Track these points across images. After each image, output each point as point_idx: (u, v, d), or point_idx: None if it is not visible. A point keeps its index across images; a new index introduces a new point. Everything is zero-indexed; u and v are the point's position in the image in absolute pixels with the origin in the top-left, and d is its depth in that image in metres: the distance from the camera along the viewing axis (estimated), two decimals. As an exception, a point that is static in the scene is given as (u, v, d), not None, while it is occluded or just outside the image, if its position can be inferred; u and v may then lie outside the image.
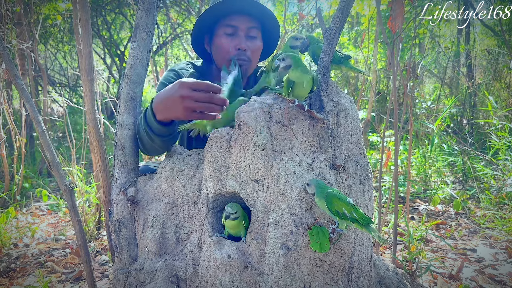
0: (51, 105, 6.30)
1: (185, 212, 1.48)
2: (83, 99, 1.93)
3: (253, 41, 1.80)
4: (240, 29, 1.77)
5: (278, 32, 1.92)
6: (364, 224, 1.15)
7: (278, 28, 1.89)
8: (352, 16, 6.52)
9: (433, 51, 6.16)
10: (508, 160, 3.26)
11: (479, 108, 5.12)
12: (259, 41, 1.83)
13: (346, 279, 1.37)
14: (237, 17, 1.76)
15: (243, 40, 1.77)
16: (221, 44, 1.79)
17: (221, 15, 1.78)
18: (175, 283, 1.42)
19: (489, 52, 5.54)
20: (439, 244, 2.66)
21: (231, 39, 1.77)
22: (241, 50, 1.76)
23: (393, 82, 2.07)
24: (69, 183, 1.57)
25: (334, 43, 1.37)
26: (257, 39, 1.83)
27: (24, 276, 2.31)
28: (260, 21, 1.82)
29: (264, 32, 1.88)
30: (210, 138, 1.40)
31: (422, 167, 3.75)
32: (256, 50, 1.81)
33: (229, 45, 1.77)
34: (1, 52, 1.54)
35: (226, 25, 1.77)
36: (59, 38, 8.31)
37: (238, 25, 1.76)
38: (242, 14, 1.76)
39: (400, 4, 1.96)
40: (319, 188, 1.17)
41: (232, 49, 1.77)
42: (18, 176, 3.69)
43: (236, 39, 1.77)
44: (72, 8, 2.59)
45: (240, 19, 1.76)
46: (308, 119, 1.34)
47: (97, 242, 2.79)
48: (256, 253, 1.31)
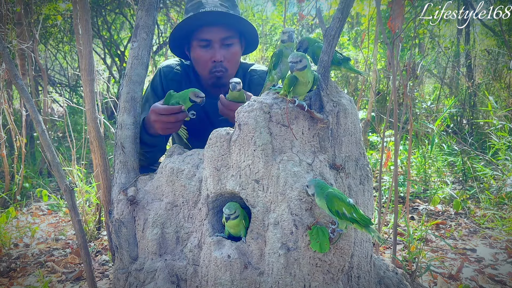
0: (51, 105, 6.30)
1: (185, 212, 1.49)
2: (83, 99, 1.93)
3: (229, 49, 1.81)
4: (214, 41, 1.78)
5: (256, 34, 1.92)
6: (363, 224, 1.15)
7: (255, 32, 1.90)
8: (352, 16, 6.52)
9: (433, 51, 6.15)
10: (508, 160, 3.26)
11: (479, 108, 5.12)
12: (235, 46, 1.84)
13: (346, 279, 1.37)
14: (210, 28, 1.77)
15: (218, 52, 1.78)
16: (197, 56, 1.82)
17: (193, 29, 1.80)
18: (175, 283, 1.42)
19: (489, 52, 5.54)
20: (439, 244, 2.66)
21: (206, 51, 1.79)
22: (217, 61, 1.78)
23: (393, 82, 2.07)
24: (69, 183, 1.57)
25: (334, 43, 1.37)
26: (233, 45, 1.83)
27: (24, 276, 2.32)
28: (235, 27, 1.82)
29: (242, 33, 1.89)
30: (210, 138, 1.40)
31: (422, 167, 3.75)
32: (232, 57, 1.82)
33: (204, 58, 1.80)
34: (1, 52, 1.54)
35: (199, 39, 1.78)
36: (59, 38, 8.30)
37: (211, 38, 1.77)
38: (214, 26, 1.77)
39: (400, 4, 1.96)
40: (318, 188, 1.17)
41: (208, 62, 1.80)
42: (19, 176, 3.70)
43: (210, 50, 1.79)
44: (72, 8, 2.59)
45: (213, 30, 1.77)
46: (308, 119, 1.34)
47: (97, 242, 2.79)
48: (256, 253, 1.31)
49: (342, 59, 1.50)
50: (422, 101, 5.11)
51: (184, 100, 1.60)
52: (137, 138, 1.67)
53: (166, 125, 1.60)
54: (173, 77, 1.99)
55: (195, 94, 1.60)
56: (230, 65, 1.86)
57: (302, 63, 1.21)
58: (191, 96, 1.60)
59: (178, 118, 1.59)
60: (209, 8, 1.74)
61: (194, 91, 1.61)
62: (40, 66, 4.62)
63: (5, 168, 3.58)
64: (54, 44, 8.63)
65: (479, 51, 5.86)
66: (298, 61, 1.21)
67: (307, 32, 6.99)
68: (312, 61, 1.57)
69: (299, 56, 1.22)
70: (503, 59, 5.18)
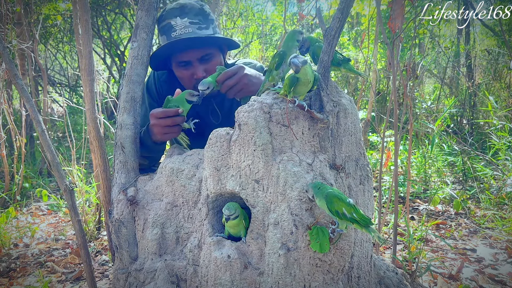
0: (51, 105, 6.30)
1: (185, 212, 1.49)
2: (83, 99, 1.93)
3: (208, 63, 1.81)
4: (193, 61, 1.78)
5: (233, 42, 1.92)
6: (364, 224, 1.15)
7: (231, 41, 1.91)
8: (352, 16, 6.52)
9: (433, 51, 6.15)
10: (508, 160, 3.26)
11: (479, 108, 5.12)
12: (215, 58, 1.84)
13: (346, 279, 1.37)
14: (185, 53, 1.77)
15: (198, 69, 1.78)
16: (180, 75, 1.84)
17: (170, 53, 1.81)
18: (175, 283, 1.42)
19: (489, 52, 5.54)
20: (439, 244, 2.66)
21: (186, 69, 1.80)
22: (199, 78, 1.77)
23: (393, 82, 2.07)
24: (69, 183, 1.57)
25: (334, 43, 1.37)
26: (213, 57, 1.83)
27: (24, 276, 2.31)
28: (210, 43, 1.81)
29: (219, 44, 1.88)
30: (210, 138, 1.40)
31: (422, 167, 3.75)
32: (213, 67, 1.81)
33: (186, 76, 1.81)
34: (1, 52, 1.54)
35: (178, 61, 1.80)
36: (59, 38, 8.31)
37: (188, 59, 1.78)
38: (189, 49, 1.76)
39: (400, 4, 1.95)
40: (317, 189, 1.18)
41: (190, 79, 1.81)
42: (18, 176, 3.70)
43: (191, 69, 1.79)
44: (72, 8, 2.59)
45: (189, 53, 1.77)
46: (308, 119, 1.34)
47: (97, 242, 2.79)
48: (256, 253, 1.31)
49: (342, 59, 1.49)
50: (422, 101, 5.11)
51: (181, 103, 1.60)
52: (137, 138, 1.66)
53: (164, 129, 1.59)
54: (166, 79, 2.00)
55: (190, 94, 1.60)
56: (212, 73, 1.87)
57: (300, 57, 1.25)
58: (187, 97, 1.60)
59: (175, 121, 1.59)
60: (180, 31, 1.73)
61: (188, 92, 1.61)
62: (40, 66, 4.62)
63: (5, 168, 3.58)
64: (54, 44, 8.64)
65: (479, 51, 5.86)
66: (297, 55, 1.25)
67: (307, 32, 6.98)
68: (312, 61, 1.57)
69: (301, 57, 1.24)
70: (503, 59, 5.18)
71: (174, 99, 1.62)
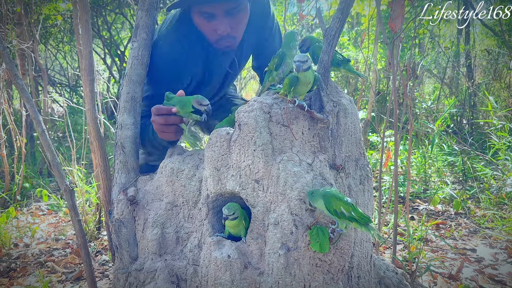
0: (51, 105, 6.30)
1: (185, 212, 1.49)
2: (83, 99, 1.93)
3: (234, 17, 1.61)
4: (217, 14, 1.58)
5: None
6: (363, 223, 1.15)
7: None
8: (352, 16, 6.52)
9: (433, 51, 6.16)
10: (508, 160, 3.26)
11: (479, 108, 5.12)
12: (242, 12, 1.63)
13: (346, 279, 1.37)
14: (212, 3, 1.57)
15: (222, 24, 1.59)
16: (201, 26, 1.65)
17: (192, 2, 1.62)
18: (175, 283, 1.42)
19: (489, 52, 5.54)
20: (439, 244, 2.66)
21: (209, 21, 1.61)
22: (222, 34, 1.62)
23: (393, 82, 2.07)
24: (69, 183, 1.57)
25: (334, 43, 1.37)
26: (240, 11, 1.62)
27: (24, 276, 2.32)
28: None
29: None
30: (210, 138, 1.40)
31: (422, 167, 3.75)
32: (239, 24, 1.64)
33: (208, 29, 1.63)
34: (2, 52, 1.54)
35: (201, 12, 1.61)
36: (59, 38, 8.30)
37: (212, 11, 1.58)
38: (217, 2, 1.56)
39: (400, 4, 1.95)
40: (311, 195, 1.20)
41: (213, 33, 1.63)
42: (19, 176, 3.70)
43: (214, 22, 1.60)
44: (73, 8, 2.59)
45: (215, 3, 1.56)
46: (308, 119, 1.34)
47: (97, 242, 2.79)
48: (256, 253, 1.31)
49: (342, 60, 1.50)
50: (422, 101, 5.11)
51: (183, 105, 1.45)
52: (137, 138, 1.66)
53: (161, 128, 1.49)
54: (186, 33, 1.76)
55: (198, 101, 1.42)
56: (237, 31, 1.66)
57: (307, 63, 1.22)
58: (194, 104, 1.43)
59: (168, 120, 1.46)
60: None
61: (197, 98, 1.43)
62: (40, 66, 4.62)
63: (5, 168, 3.58)
64: (54, 44, 8.63)
65: (479, 51, 5.86)
66: (305, 61, 1.22)
67: (307, 32, 6.98)
68: (312, 60, 1.57)
69: (305, 57, 1.23)
70: (503, 59, 5.18)
71: (176, 99, 1.49)
